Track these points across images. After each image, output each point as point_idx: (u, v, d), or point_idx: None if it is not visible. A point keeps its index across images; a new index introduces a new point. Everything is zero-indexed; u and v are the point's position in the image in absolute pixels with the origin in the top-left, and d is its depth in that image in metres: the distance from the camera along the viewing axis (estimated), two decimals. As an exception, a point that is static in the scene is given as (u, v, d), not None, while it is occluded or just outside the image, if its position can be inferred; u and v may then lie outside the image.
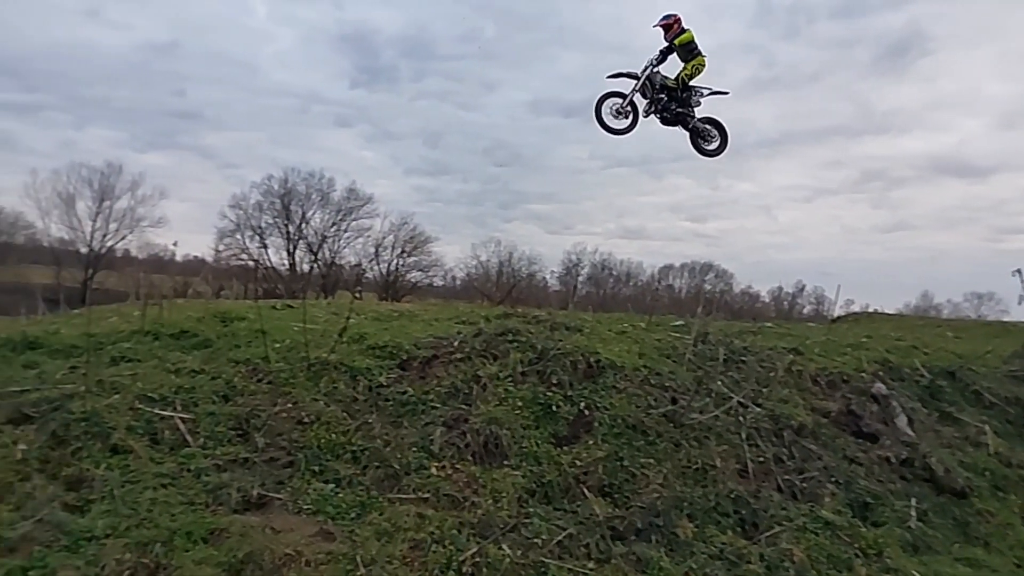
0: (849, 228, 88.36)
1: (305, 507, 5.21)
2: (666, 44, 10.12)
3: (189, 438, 5.64)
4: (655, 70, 10.40)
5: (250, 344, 7.04)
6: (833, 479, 7.09)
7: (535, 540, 5.36)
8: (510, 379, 7.06)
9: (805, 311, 60.20)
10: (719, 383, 7.92)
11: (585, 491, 6.04)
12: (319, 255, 54.49)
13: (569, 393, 7.04)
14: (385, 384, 6.78)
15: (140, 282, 16.44)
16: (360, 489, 5.54)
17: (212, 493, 5.16)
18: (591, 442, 6.55)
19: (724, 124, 10.83)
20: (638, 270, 63.33)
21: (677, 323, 10.65)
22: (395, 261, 55.47)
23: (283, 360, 6.78)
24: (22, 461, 5.10)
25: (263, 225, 52.90)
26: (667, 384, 7.63)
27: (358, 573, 4.67)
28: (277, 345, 7.02)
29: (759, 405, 7.73)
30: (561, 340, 7.79)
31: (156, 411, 5.76)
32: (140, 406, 5.76)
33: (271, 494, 5.29)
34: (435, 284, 57.07)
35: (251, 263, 51.18)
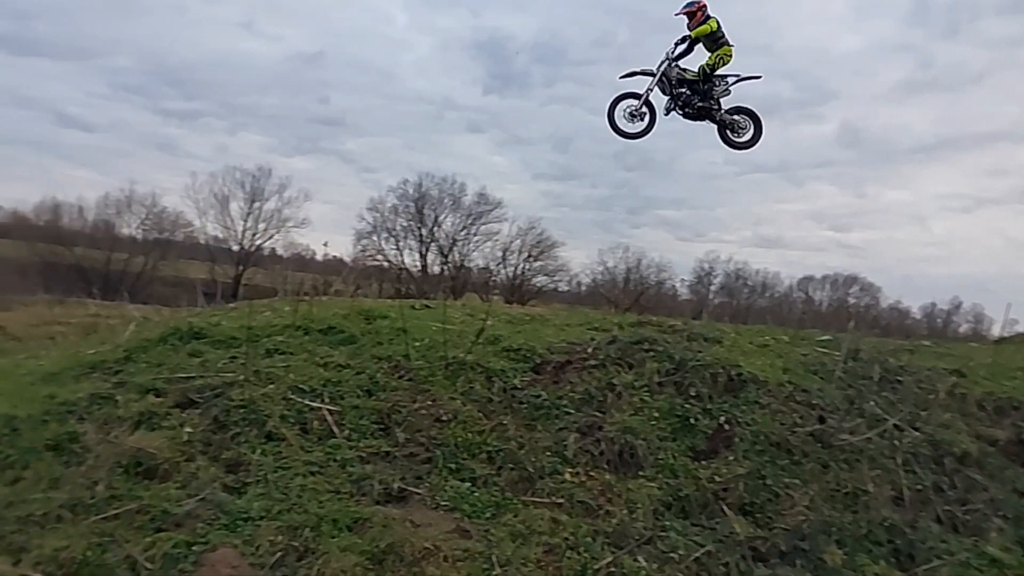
0: (1014, 241, 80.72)
1: (443, 503, 5.37)
2: (687, 34, 9.60)
3: (335, 429, 5.96)
4: (673, 64, 9.83)
5: (392, 341, 7.35)
6: (1000, 513, 6.48)
7: (671, 555, 5.25)
8: (646, 389, 6.96)
9: (961, 330, 55.45)
10: (872, 403, 7.43)
11: (724, 508, 5.85)
12: (449, 258, 56.24)
13: (708, 406, 6.85)
14: (519, 387, 6.87)
15: (287, 279, 17.58)
16: (495, 489, 5.65)
17: (356, 483, 5.43)
18: (731, 458, 6.33)
19: (757, 112, 10.12)
20: (775, 281, 60.79)
21: (823, 338, 10.10)
22: (521, 265, 56.32)
23: (422, 358, 7.04)
24: (187, 443, 5.57)
25: (398, 228, 55.24)
26: (814, 402, 7.25)
27: (494, 573, 4.75)
28: (417, 343, 7.29)
29: (917, 429, 7.18)
30: (700, 351, 7.59)
31: (306, 402, 6.15)
32: (292, 396, 6.17)
33: (411, 488, 5.49)
34: (560, 289, 57.34)
35: (386, 264, 53.59)
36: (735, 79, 9.84)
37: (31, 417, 5.62)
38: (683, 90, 9.81)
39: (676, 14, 9.76)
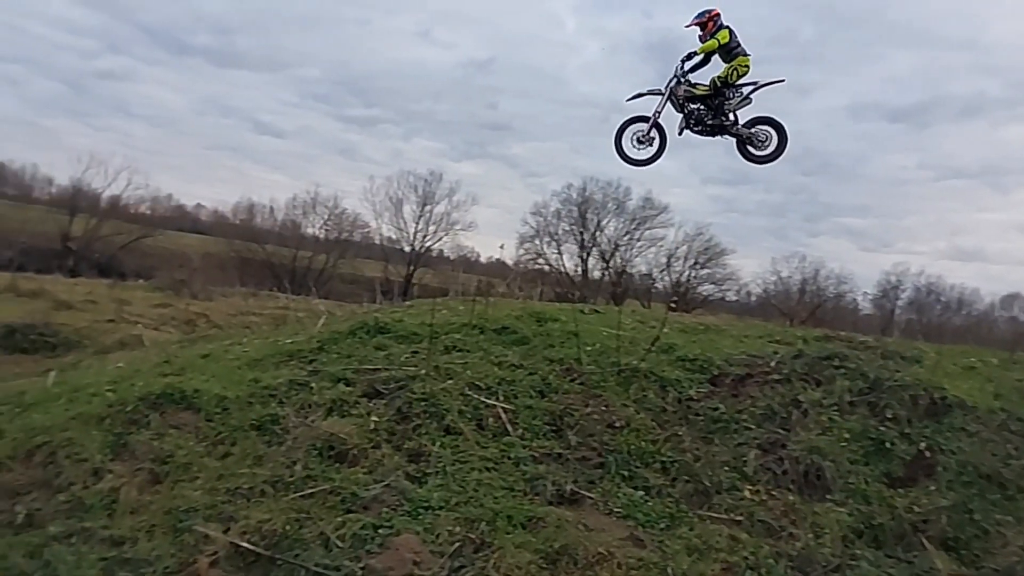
0: None
1: (616, 509, 5.37)
2: (693, 51, 8.99)
3: (509, 428, 6.14)
4: (681, 81, 9.22)
5: (563, 344, 7.46)
6: None
7: (862, 586, 4.93)
8: (835, 407, 6.56)
9: None
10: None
11: (924, 541, 5.39)
12: (611, 263, 55.92)
13: (907, 430, 6.34)
14: (695, 398, 6.73)
15: (459, 281, 18.29)
16: (669, 500, 5.57)
17: (529, 482, 5.56)
18: (932, 488, 5.83)
19: (780, 121, 9.20)
20: (973, 297, 54.85)
21: (1043, 362, 9.04)
22: (687, 272, 54.82)
23: (594, 363, 7.08)
24: (374, 431, 5.96)
25: (560, 232, 55.64)
26: (1032, 432, 6.52)
27: (669, 585, 4.70)
28: (589, 348, 7.35)
29: None
30: (898, 371, 7.06)
31: (482, 399, 6.39)
32: (469, 393, 6.43)
33: (583, 492, 5.53)
34: (727, 299, 55.23)
35: (547, 268, 54.24)
36: (752, 87, 9.21)
37: (238, 398, 6.25)
38: (695, 106, 9.29)
39: (687, 26, 9.27)
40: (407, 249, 57.68)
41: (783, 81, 9.29)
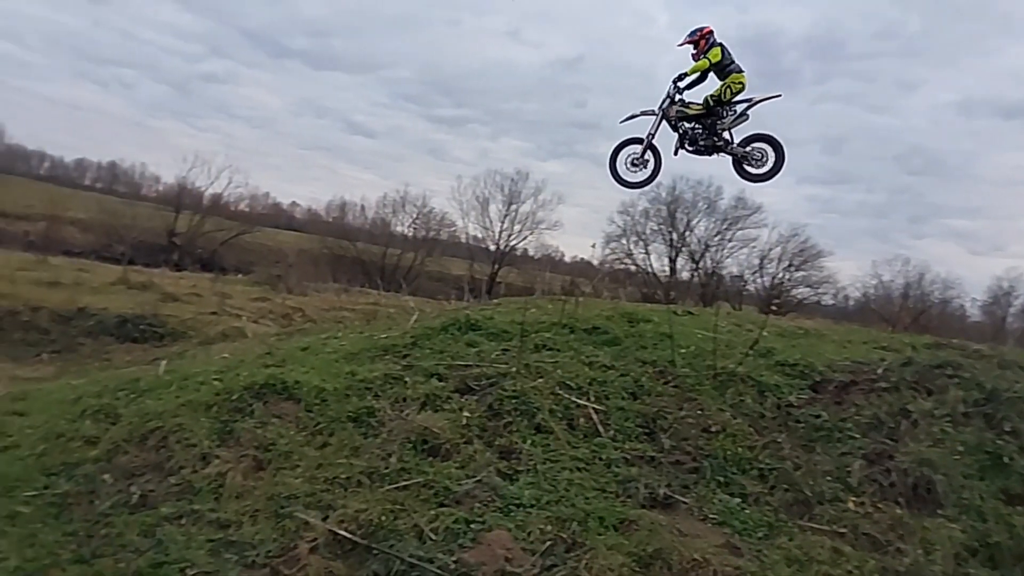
0: None
1: (711, 516, 5.27)
2: (683, 72, 8.97)
3: (601, 428, 6.11)
4: (674, 102, 9.15)
5: (656, 346, 7.37)
6: None
7: (977, 606, 4.67)
8: (948, 418, 6.23)
9: None
10: None
11: (1046, 564, 5.07)
12: (700, 264, 54.80)
13: (1027, 444, 5.98)
14: (795, 404, 6.52)
15: (544, 280, 18.37)
16: (767, 509, 5.42)
17: (622, 484, 5.51)
18: (1056, 507, 5.47)
19: (776, 138, 9.06)
20: (1096, 305, 50.83)
21: None
22: (780, 275, 53.13)
23: (689, 366, 6.97)
24: (466, 426, 6.04)
25: (648, 231, 54.90)
26: None
27: (767, 596, 4.58)
28: (683, 350, 7.23)
29: None
30: (1017, 382, 6.64)
31: (573, 399, 6.38)
32: (560, 392, 6.43)
33: (676, 496, 5.45)
34: (823, 302, 53.15)
35: (633, 268, 53.64)
36: (747, 104, 9.07)
37: (336, 390, 6.46)
38: (689, 126, 9.17)
39: (679, 44, 9.21)
40: (492, 248, 58.20)
41: (779, 96, 9.34)
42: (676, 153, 9.36)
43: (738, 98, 9.05)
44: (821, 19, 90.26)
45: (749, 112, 9.16)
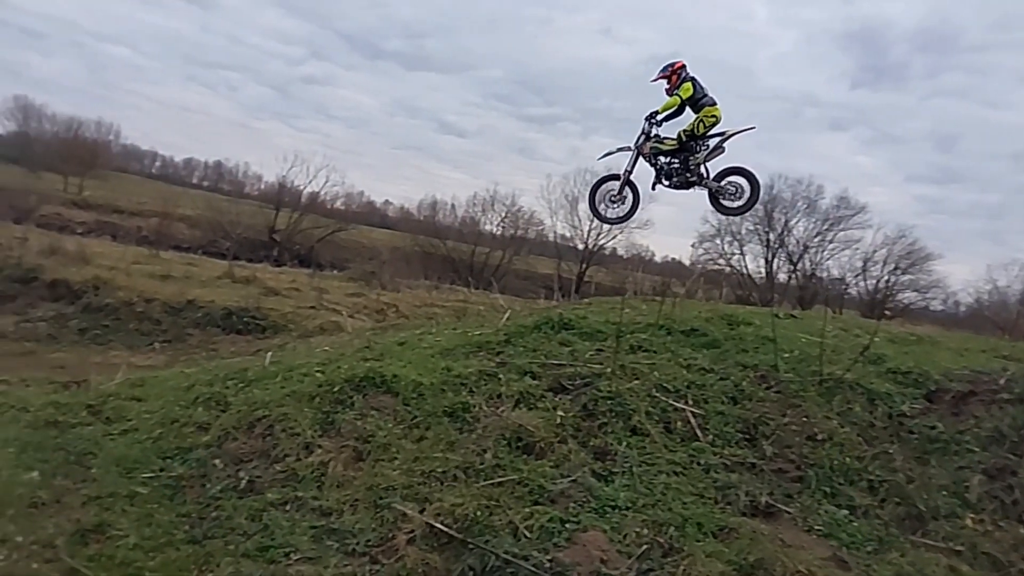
0: None
1: (816, 527, 5.09)
2: (654, 110, 8.96)
3: (699, 433, 5.99)
4: (648, 137, 9.15)
5: (757, 350, 7.17)
6: None
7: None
8: (1078, 434, 5.81)
9: None
10: None
11: None
12: (798, 266, 52.92)
13: None
14: (908, 414, 6.21)
15: (633, 280, 18.13)
16: (877, 523, 5.18)
17: (721, 491, 5.39)
18: None
19: (751, 171, 9.02)
20: None
21: None
22: (885, 278, 50.68)
23: (792, 371, 6.74)
24: (560, 425, 6.03)
25: (743, 232, 53.43)
26: None
27: (876, 614, 4.38)
28: (786, 355, 7.00)
29: None
30: None
31: (670, 401, 6.28)
32: (656, 394, 6.34)
33: (779, 505, 5.29)
34: (932, 308, 50.35)
35: (727, 269, 52.31)
36: (720, 139, 9.02)
37: (432, 385, 6.57)
38: (664, 160, 9.18)
39: (652, 80, 9.23)
40: (580, 247, 57.96)
41: (753, 128, 9.31)
42: (654, 188, 9.51)
43: (712, 131, 9.03)
44: (933, 10, 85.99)
45: (724, 145, 9.18)
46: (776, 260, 53.09)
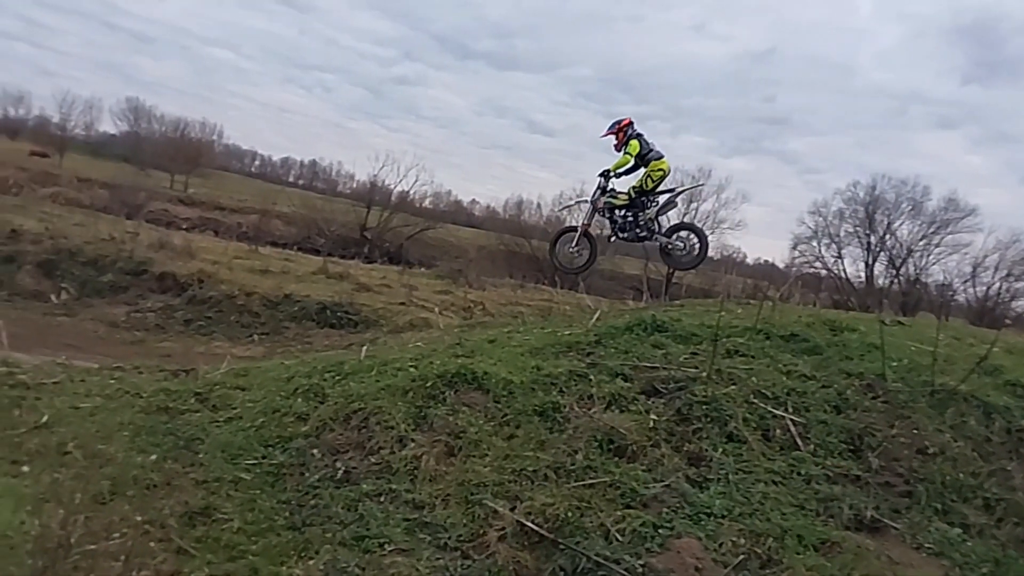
0: None
1: (926, 545, 4.84)
2: (607, 169, 9.62)
3: (799, 442, 5.79)
4: (604, 191, 9.76)
5: (862, 357, 6.87)
6: None
7: None
8: None
9: None
10: None
11: None
12: (901, 270, 50.45)
13: None
14: (1029, 429, 5.83)
15: (725, 282, 17.74)
16: (994, 543, 4.89)
17: (823, 503, 5.20)
18: None
19: (700, 228, 9.98)
20: None
21: None
22: (997, 285, 47.70)
23: (901, 380, 6.42)
24: (653, 429, 5.94)
25: (842, 234, 51.33)
26: None
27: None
28: (894, 363, 6.68)
29: None
30: None
31: (769, 408, 6.09)
32: (754, 401, 6.16)
33: (886, 520, 5.06)
34: (1049, 318, 47.02)
35: (823, 272, 50.42)
36: (669, 195, 9.66)
37: (523, 384, 6.59)
38: (619, 214, 9.72)
39: (602, 136, 9.77)
40: (670, 248, 57.00)
41: (702, 186, 11.43)
42: (610, 240, 10.12)
43: (662, 187, 9.59)
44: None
45: (678, 199, 9.98)
46: (877, 264, 50.82)
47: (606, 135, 9.78)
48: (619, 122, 9.75)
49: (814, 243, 51.50)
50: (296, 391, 6.79)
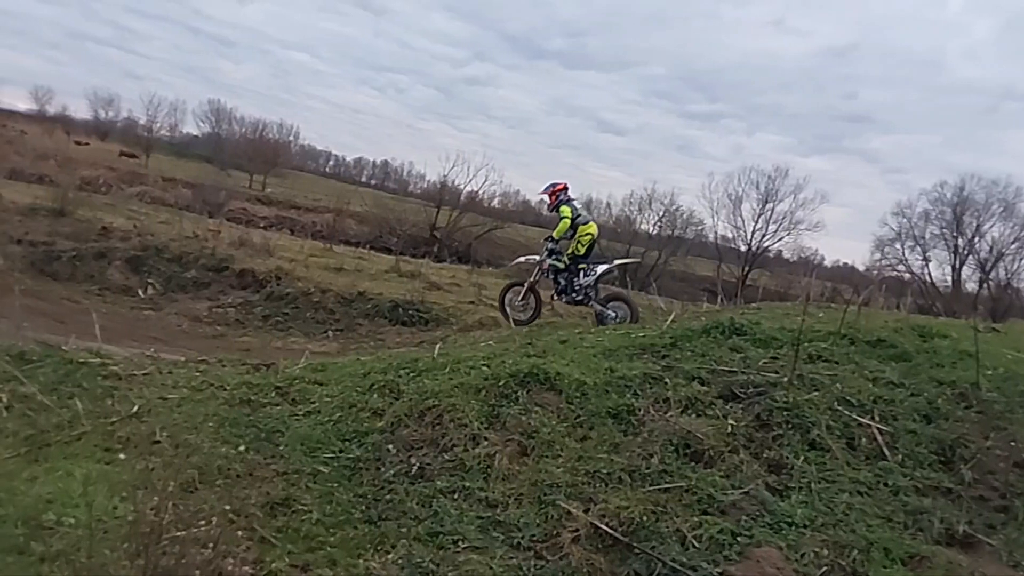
0: None
1: (1022, 560, 4.61)
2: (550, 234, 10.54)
3: (887, 452, 5.59)
4: (550, 253, 10.48)
5: (954, 365, 6.60)
6: None
7: None
8: None
9: None
10: None
11: None
12: (991, 274, 48.12)
13: None
14: None
15: (801, 285, 17.23)
16: (1101, 566, 4.61)
17: (911, 515, 5.00)
18: None
19: (630, 300, 10.51)
20: None
21: None
22: (1096, 290, 45.01)
23: (997, 390, 6.14)
24: (731, 434, 5.82)
25: (927, 236, 49.36)
26: None
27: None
28: (989, 372, 6.39)
29: None
30: None
31: (854, 416, 5.89)
32: (838, 408, 5.98)
33: (980, 535, 4.83)
34: None
35: (907, 275, 48.53)
36: (605, 268, 10.43)
37: (596, 385, 6.56)
38: (563, 276, 10.49)
39: (539, 193, 10.99)
40: (742, 248, 55.86)
41: (639, 261, 13.03)
42: (552, 299, 10.90)
43: (593, 249, 10.54)
44: None
45: (615, 270, 10.79)
46: (965, 268, 48.63)
47: (542, 194, 10.84)
48: (555, 185, 10.68)
49: (897, 245, 49.79)
50: (372, 387, 6.91)
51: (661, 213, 57.52)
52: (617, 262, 10.86)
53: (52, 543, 4.27)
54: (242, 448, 5.70)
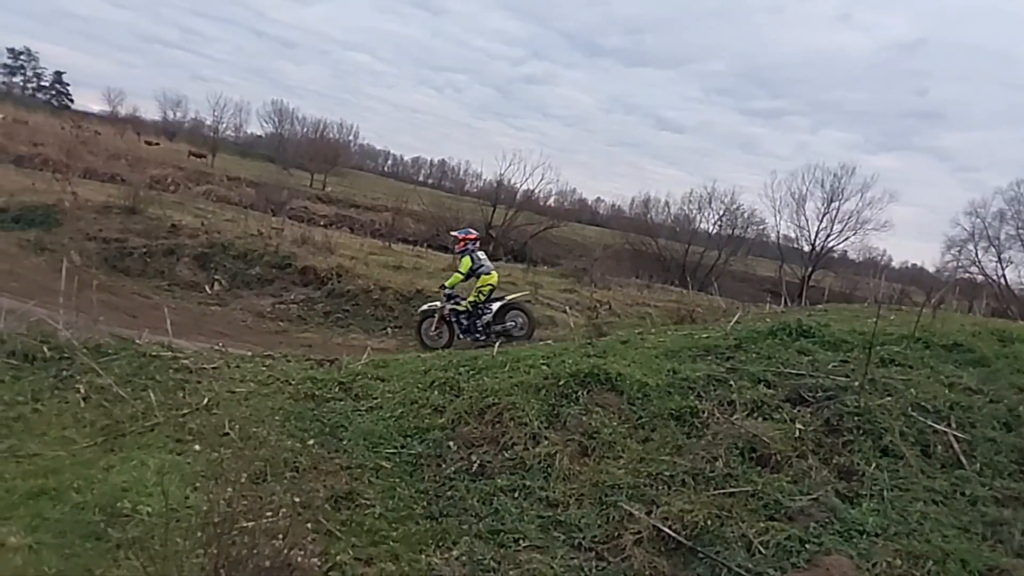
0: None
1: (1110, 578, 4.39)
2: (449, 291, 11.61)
3: (964, 460, 5.40)
4: (450, 299, 11.51)
5: (1038, 371, 6.32)
6: None
7: None
8: None
9: None
10: None
11: None
12: (1071, 277, 45.84)
13: None
14: None
15: (871, 287, 16.72)
16: None
17: (990, 526, 4.83)
18: None
19: (526, 308, 11.88)
20: None
21: None
22: None
23: (1083, 398, 5.86)
24: (799, 439, 5.71)
25: (1002, 237, 47.31)
26: None
27: None
28: (1074, 379, 6.11)
29: None
30: None
31: (929, 423, 5.71)
32: (913, 414, 5.80)
33: (1065, 551, 4.62)
34: None
35: (979, 277, 46.63)
36: (502, 304, 11.37)
37: (658, 387, 6.50)
38: (464, 319, 11.41)
39: (452, 233, 12.68)
40: (806, 248, 54.44)
41: (527, 295, 13.18)
42: (455, 338, 11.49)
43: (492, 296, 11.44)
44: None
45: (509, 305, 11.47)
46: (1043, 270, 46.41)
47: (454, 234, 12.32)
48: (468, 233, 12.05)
49: (970, 246, 47.72)
50: (432, 384, 6.99)
51: (721, 212, 56.48)
52: (508, 299, 11.65)
53: (128, 530, 4.45)
54: (309, 442, 5.81)
